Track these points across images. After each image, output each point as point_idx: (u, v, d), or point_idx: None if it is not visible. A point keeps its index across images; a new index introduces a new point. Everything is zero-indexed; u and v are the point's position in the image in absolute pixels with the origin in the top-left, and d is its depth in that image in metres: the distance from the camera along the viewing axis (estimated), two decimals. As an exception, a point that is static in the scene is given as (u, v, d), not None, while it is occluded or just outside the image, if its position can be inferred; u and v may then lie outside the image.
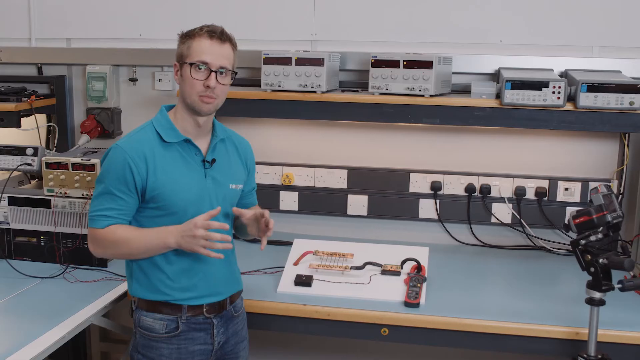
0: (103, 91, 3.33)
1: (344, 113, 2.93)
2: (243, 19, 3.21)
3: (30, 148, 2.93)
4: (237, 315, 2.25)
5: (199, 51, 2.02)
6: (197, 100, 2.04)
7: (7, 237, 2.82)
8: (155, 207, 2.05)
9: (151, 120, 2.11)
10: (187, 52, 2.03)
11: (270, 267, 2.74)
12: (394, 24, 3.11)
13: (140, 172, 2.00)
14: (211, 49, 2.02)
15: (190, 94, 2.04)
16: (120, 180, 2.01)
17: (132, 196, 2.03)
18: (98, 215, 2.04)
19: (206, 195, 2.09)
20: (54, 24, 3.41)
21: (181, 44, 2.06)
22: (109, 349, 3.62)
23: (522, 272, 2.82)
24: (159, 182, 2.02)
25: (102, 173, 2.06)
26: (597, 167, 3.05)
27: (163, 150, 2.05)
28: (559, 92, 2.65)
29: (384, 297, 2.44)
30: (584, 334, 2.19)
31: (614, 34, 2.95)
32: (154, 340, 2.10)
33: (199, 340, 2.13)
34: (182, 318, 2.10)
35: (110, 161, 2.04)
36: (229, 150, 2.21)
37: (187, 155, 2.08)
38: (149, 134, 2.07)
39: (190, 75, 2.02)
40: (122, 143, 2.05)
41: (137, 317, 2.13)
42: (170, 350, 2.09)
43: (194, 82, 2.02)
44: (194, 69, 2.01)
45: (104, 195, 2.03)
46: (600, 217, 2.07)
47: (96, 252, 2.12)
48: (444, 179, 3.14)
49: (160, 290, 2.08)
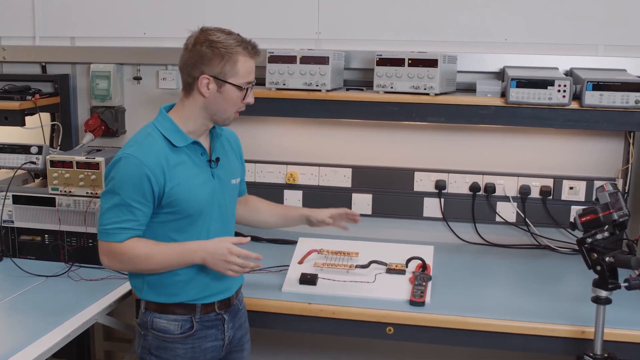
0: (107, 90, 3.33)
1: (348, 112, 2.93)
2: (248, 17, 3.20)
3: (34, 146, 2.93)
4: (241, 308, 2.28)
5: (247, 72, 2.00)
6: (232, 116, 2.06)
7: (11, 235, 2.82)
8: (170, 212, 2.02)
9: (153, 124, 2.05)
10: (232, 72, 1.97)
11: (275, 266, 2.74)
12: (399, 23, 3.10)
13: (158, 182, 1.97)
14: (254, 68, 2.04)
15: (229, 111, 2.04)
16: (138, 191, 1.95)
17: (148, 206, 1.99)
18: (115, 228, 1.97)
19: (214, 194, 2.09)
20: (58, 23, 3.41)
21: (216, 58, 1.96)
22: (113, 348, 3.62)
23: (526, 271, 2.82)
24: (175, 188, 2.00)
25: (115, 184, 1.97)
26: (602, 166, 3.04)
27: (174, 155, 2.02)
28: (565, 90, 2.64)
29: (389, 296, 2.44)
30: (589, 333, 2.18)
31: (618, 32, 2.94)
32: (169, 341, 2.09)
33: (211, 337, 2.14)
34: (196, 317, 2.10)
35: (125, 172, 1.96)
36: (225, 146, 2.20)
37: (194, 157, 2.07)
38: (158, 140, 2.01)
39: (243, 99, 2.03)
40: (135, 152, 1.96)
41: (148, 320, 2.10)
42: (185, 350, 2.10)
43: (239, 102, 2.03)
44: (243, 91, 2.01)
45: (119, 207, 1.96)
46: (606, 215, 2.06)
47: (111, 266, 2.05)
48: (448, 178, 3.14)
49: (175, 293, 2.08)
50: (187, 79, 2.02)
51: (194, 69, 1.98)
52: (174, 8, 3.28)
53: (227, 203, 2.14)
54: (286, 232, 3.03)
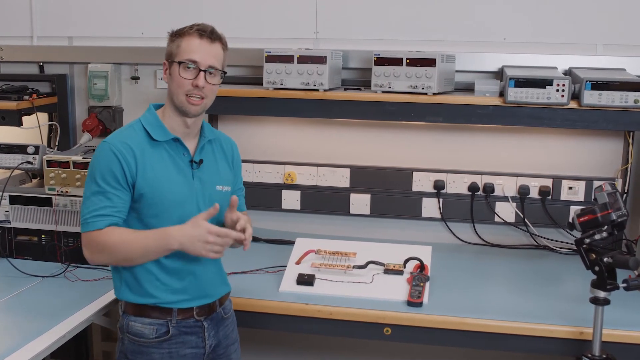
0: (105, 89, 3.32)
1: (346, 111, 2.92)
2: (245, 17, 3.20)
3: (31, 146, 2.92)
4: (227, 317, 2.22)
5: (187, 50, 1.99)
6: (184, 100, 2.01)
7: (8, 235, 2.81)
8: (141, 206, 2.00)
9: (139, 119, 2.07)
10: (176, 51, 2.01)
11: (272, 266, 2.73)
12: (397, 22, 3.10)
13: (129, 165, 1.96)
14: (200, 47, 2.00)
15: (178, 93, 2.01)
16: (111, 175, 1.95)
17: (124, 192, 1.97)
18: (93, 216, 1.96)
19: (193, 196, 2.06)
20: (56, 22, 3.40)
21: (171, 42, 2.03)
22: (111, 349, 3.61)
23: (525, 271, 2.81)
24: (147, 181, 1.98)
25: (90, 173, 2.00)
26: (601, 165, 3.04)
27: (151, 149, 2.01)
28: (563, 90, 2.64)
29: (387, 297, 2.43)
30: (588, 334, 2.17)
31: (618, 31, 2.94)
32: (144, 345, 2.05)
33: (191, 343, 2.09)
34: (172, 322, 2.06)
35: (97, 158, 1.99)
36: (215, 152, 2.17)
37: (175, 155, 2.05)
38: (137, 132, 2.03)
39: (179, 74, 1.99)
40: (109, 139, 2.01)
41: (124, 323, 2.08)
42: (161, 355, 2.05)
43: (182, 81, 1.99)
44: (183, 67, 1.99)
45: (96, 195, 1.96)
46: (604, 215, 2.06)
47: (92, 259, 2.01)
48: (447, 178, 3.13)
49: (150, 293, 2.04)
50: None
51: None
52: (172, 8, 3.27)
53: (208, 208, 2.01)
54: (283, 233, 3.02)
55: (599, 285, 2.08)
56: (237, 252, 2.19)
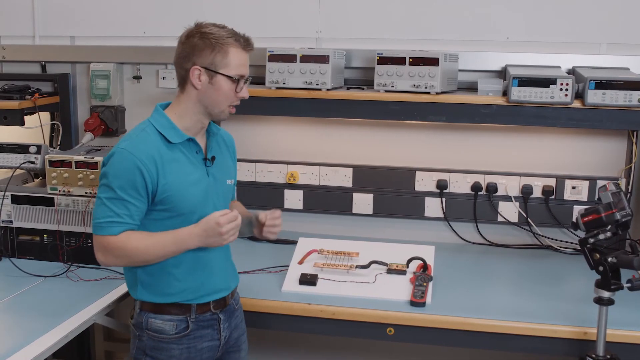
0: (107, 89, 3.32)
1: (349, 111, 2.91)
2: (248, 16, 3.19)
3: (33, 146, 2.91)
4: (237, 308, 2.26)
5: (238, 64, 1.99)
6: (226, 110, 2.04)
7: (10, 235, 2.81)
8: (163, 209, 2.01)
9: (149, 121, 2.05)
10: (223, 63, 1.97)
11: (274, 266, 2.73)
12: (400, 21, 3.09)
13: (151, 176, 1.95)
14: (247, 61, 2.02)
15: (222, 104, 2.02)
16: (131, 185, 1.94)
17: (142, 200, 1.97)
18: (109, 222, 1.95)
19: (209, 193, 2.08)
20: (58, 22, 3.40)
21: (207, 48, 1.96)
22: (113, 348, 3.61)
23: (529, 271, 2.80)
24: (169, 185, 1.98)
25: (108, 179, 1.96)
26: (604, 165, 3.03)
27: (168, 152, 2.01)
28: (567, 89, 2.63)
29: (390, 296, 2.42)
30: (592, 334, 2.17)
31: (621, 30, 2.92)
32: (164, 341, 2.08)
33: (207, 337, 2.12)
34: (191, 317, 2.09)
35: (118, 166, 1.95)
36: (221, 146, 2.19)
37: (189, 155, 2.05)
38: (152, 135, 2.01)
39: (230, 88, 2.00)
40: (128, 146, 1.96)
41: (143, 320, 2.09)
42: (180, 350, 2.08)
43: (232, 94, 2.01)
44: (233, 82, 1.99)
45: (113, 200, 1.95)
46: (609, 215, 2.05)
47: (106, 262, 2.02)
48: (450, 178, 3.12)
49: (169, 292, 2.06)
50: (180, 72, 2.03)
51: (186, 61, 1.99)
52: (174, 7, 3.27)
53: (221, 203, 2.11)
54: (286, 232, 3.01)
55: (603, 285, 2.07)
56: (238, 252, 2.20)
